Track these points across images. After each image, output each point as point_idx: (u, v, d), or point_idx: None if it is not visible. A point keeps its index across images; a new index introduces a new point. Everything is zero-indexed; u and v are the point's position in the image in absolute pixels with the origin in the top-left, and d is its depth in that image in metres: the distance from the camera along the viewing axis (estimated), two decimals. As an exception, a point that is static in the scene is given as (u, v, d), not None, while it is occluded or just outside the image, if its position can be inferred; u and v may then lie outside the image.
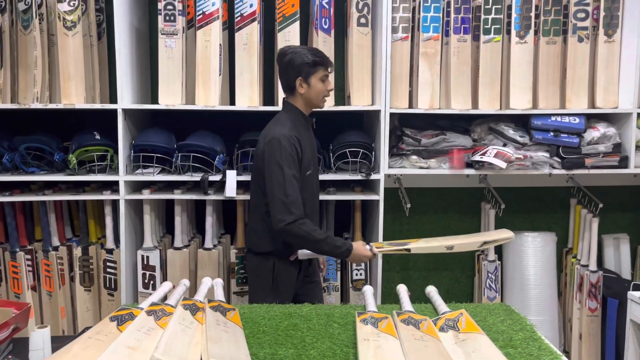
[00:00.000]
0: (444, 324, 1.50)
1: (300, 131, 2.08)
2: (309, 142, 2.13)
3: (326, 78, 2.09)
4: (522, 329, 1.53)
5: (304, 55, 2.05)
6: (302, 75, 2.05)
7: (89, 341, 1.34)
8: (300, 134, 2.06)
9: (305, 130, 2.12)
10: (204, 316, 1.48)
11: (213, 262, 2.68)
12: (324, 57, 2.09)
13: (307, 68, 2.04)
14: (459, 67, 2.65)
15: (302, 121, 2.12)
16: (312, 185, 2.14)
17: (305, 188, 2.07)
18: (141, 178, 2.56)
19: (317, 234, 1.99)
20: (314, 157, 2.18)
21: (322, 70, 2.07)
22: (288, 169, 1.98)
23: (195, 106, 2.53)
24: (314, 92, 2.08)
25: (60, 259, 2.66)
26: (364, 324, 1.45)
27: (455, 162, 2.60)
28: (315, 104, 2.13)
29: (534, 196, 3.09)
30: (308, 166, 2.09)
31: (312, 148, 2.16)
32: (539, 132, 2.63)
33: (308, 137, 2.13)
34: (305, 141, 2.09)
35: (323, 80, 2.08)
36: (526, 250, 2.93)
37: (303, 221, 1.98)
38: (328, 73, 2.10)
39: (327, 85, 2.10)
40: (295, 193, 1.97)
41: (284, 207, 1.95)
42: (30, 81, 2.53)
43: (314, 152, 2.18)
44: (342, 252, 2.03)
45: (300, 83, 2.06)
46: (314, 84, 2.06)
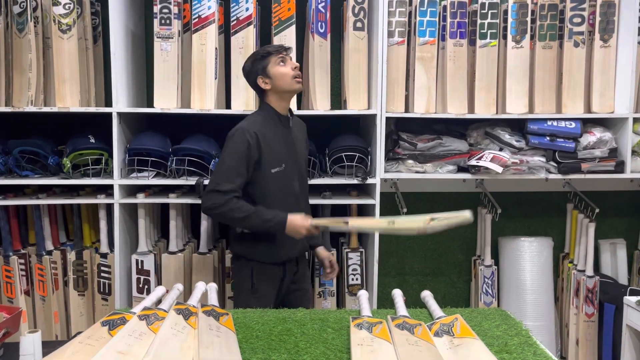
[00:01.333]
0: (438, 329, 1.49)
1: (269, 127, 2.06)
2: (283, 139, 2.09)
3: (283, 60, 2.06)
4: (518, 334, 1.52)
5: (253, 56, 2.10)
6: (260, 72, 2.06)
7: (79, 346, 1.32)
8: (265, 130, 2.04)
9: (277, 127, 2.09)
10: (196, 321, 1.46)
11: (208, 267, 2.67)
12: (271, 46, 2.09)
13: (259, 63, 2.05)
14: (455, 72, 2.65)
15: (274, 118, 2.09)
16: (283, 182, 2.09)
17: (273, 185, 2.05)
18: (136, 182, 2.55)
19: (238, 213, 1.95)
20: (289, 154, 2.11)
21: (275, 56, 2.04)
22: (230, 161, 1.99)
23: (191, 110, 2.52)
24: (278, 79, 2.04)
25: (54, 263, 2.64)
26: (358, 329, 1.44)
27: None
28: (287, 89, 2.07)
29: (530, 201, 3.09)
30: (275, 163, 2.05)
31: (288, 145, 2.11)
32: (535, 137, 2.63)
33: (281, 134, 2.09)
34: (272, 137, 2.05)
35: (281, 64, 2.05)
36: (523, 255, 2.92)
37: (220, 209, 1.96)
38: (283, 55, 2.06)
39: (288, 65, 2.06)
40: (229, 185, 1.96)
41: (211, 193, 1.97)
42: (25, 84, 2.52)
43: (289, 149, 2.11)
44: (274, 224, 1.97)
45: (262, 80, 2.06)
46: (273, 71, 2.04)
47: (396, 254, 3.10)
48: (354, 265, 2.76)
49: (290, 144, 2.13)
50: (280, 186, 2.08)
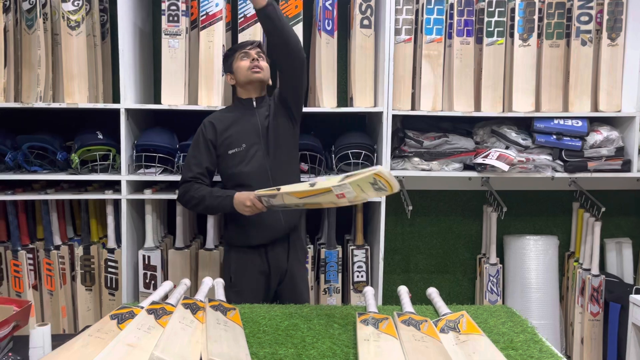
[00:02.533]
0: (444, 325, 1.50)
1: (228, 115, 2.18)
2: (242, 121, 2.15)
3: (246, 55, 2.15)
4: (523, 331, 1.53)
5: (225, 53, 2.27)
6: (227, 70, 2.21)
7: (89, 339, 1.33)
8: (223, 118, 2.16)
9: (237, 112, 2.19)
10: (204, 315, 1.47)
11: (214, 263, 2.68)
12: (238, 45, 2.23)
13: (227, 62, 2.21)
14: (461, 70, 2.65)
15: (238, 106, 2.21)
16: (246, 162, 2.12)
17: (234, 165, 2.12)
18: (143, 178, 2.57)
19: (193, 199, 2.09)
20: (252, 134, 2.14)
21: (238, 54, 2.16)
22: (189, 153, 2.17)
23: (198, 106, 2.53)
24: (237, 72, 2.16)
25: (61, 258, 2.66)
26: (364, 325, 1.45)
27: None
28: (248, 80, 2.15)
29: (536, 199, 3.08)
30: (232, 144, 2.13)
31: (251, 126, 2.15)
32: (541, 135, 2.63)
33: (240, 117, 2.17)
34: (229, 122, 2.15)
35: (243, 58, 2.15)
36: (528, 254, 2.92)
37: (182, 197, 2.13)
38: (247, 50, 2.15)
39: (247, 59, 2.14)
40: (189, 174, 2.12)
41: (180, 187, 2.15)
42: (34, 80, 2.53)
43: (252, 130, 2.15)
44: (223, 199, 2.03)
45: (229, 77, 2.21)
46: (235, 66, 2.16)
47: (401, 251, 3.10)
48: (360, 262, 2.77)
49: (253, 124, 2.16)
50: (244, 165, 2.12)
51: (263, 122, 2.17)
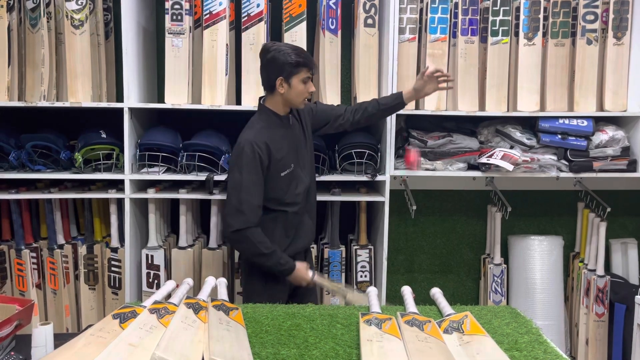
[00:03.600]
0: (448, 326, 1.48)
1: (274, 133, 2.04)
2: (287, 140, 2.07)
3: (308, 80, 2.02)
4: (528, 332, 1.51)
5: (287, 54, 1.97)
6: (284, 75, 1.97)
7: (91, 338, 1.33)
8: (272, 136, 2.02)
9: (280, 129, 2.07)
10: (206, 315, 1.47)
11: (217, 262, 2.68)
12: (308, 58, 2.01)
13: (290, 68, 1.97)
14: (466, 69, 2.64)
15: (276, 122, 2.06)
16: (293, 181, 2.08)
17: (283, 187, 2.05)
18: (147, 177, 2.56)
19: (263, 247, 1.98)
20: (296, 153, 2.10)
21: (305, 72, 1.99)
22: (247, 174, 1.96)
23: (202, 105, 2.53)
24: (294, 93, 2.01)
25: (65, 257, 2.66)
26: (367, 325, 1.44)
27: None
28: (294, 105, 2.07)
29: (541, 199, 3.07)
30: (285, 166, 2.05)
31: (292, 145, 2.08)
32: (546, 135, 2.61)
33: (285, 136, 2.07)
34: (279, 142, 2.04)
35: (305, 81, 2.01)
36: (532, 254, 2.90)
37: (253, 230, 1.97)
38: (310, 75, 2.02)
39: (308, 87, 2.02)
40: (251, 200, 1.95)
41: (235, 213, 1.95)
42: (38, 79, 2.54)
43: (296, 148, 2.09)
44: (284, 269, 2.02)
45: (281, 83, 1.99)
46: (295, 85, 1.99)
47: (405, 251, 3.09)
48: (363, 262, 2.76)
49: (295, 142, 2.11)
50: (290, 185, 2.08)
51: (298, 141, 2.13)
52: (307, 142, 2.17)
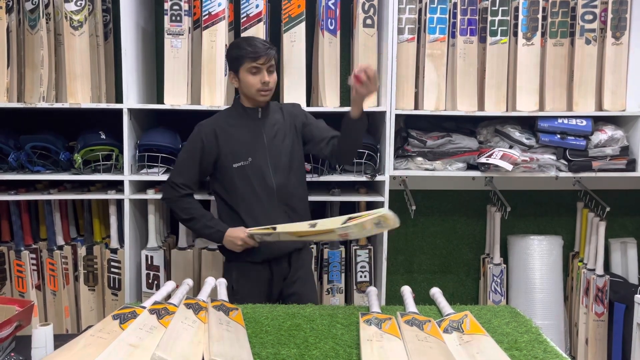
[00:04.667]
0: (448, 326, 1.48)
1: (230, 122, 2.05)
2: (247, 132, 2.04)
3: (258, 70, 1.95)
4: (528, 331, 1.51)
5: (233, 48, 2.01)
6: (233, 69, 2.01)
7: (91, 339, 1.33)
8: (225, 125, 2.04)
9: (241, 120, 2.05)
10: (206, 315, 1.47)
11: (217, 263, 2.68)
12: (254, 48, 1.94)
13: (235, 61, 1.98)
14: (465, 69, 2.64)
15: (239, 113, 2.07)
16: (250, 177, 2.02)
17: (237, 180, 2.02)
18: (146, 178, 2.56)
19: (184, 213, 2.04)
20: (259, 148, 2.03)
21: (249, 62, 1.94)
22: (183, 153, 2.10)
23: (201, 106, 2.53)
24: (244, 86, 1.99)
25: (64, 258, 2.66)
26: (367, 325, 1.44)
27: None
28: (251, 97, 2.01)
29: (540, 199, 3.07)
30: (238, 157, 2.01)
31: (257, 138, 2.04)
32: (545, 135, 2.61)
33: (246, 128, 2.04)
34: (233, 132, 2.03)
35: (253, 72, 1.95)
36: (532, 254, 2.91)
37: (174, 202, 2.06)
38: (259, 65, 1.94)
39: (260, 78, 1.95)
40: (175, 178, 2.05)
41: (166, 185, 2.08)
42: (37, 80, 2.54)
43: (259, 143, 2.03)
44: (213, 232, 2.02)
45: (232, 76, 2.02)
46: (242, 77, 1.97)
47: (405, 251, 3.09)
48: (363, 262, 2.76)
49: (259, 136, 2.04)
50: (248, 181, 2.02)
51: (270, 135, 2.06)
52: (287, 141, 2.08)
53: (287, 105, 2.20)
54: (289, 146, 2.08)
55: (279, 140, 2.07)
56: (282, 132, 2.09)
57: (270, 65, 1.98)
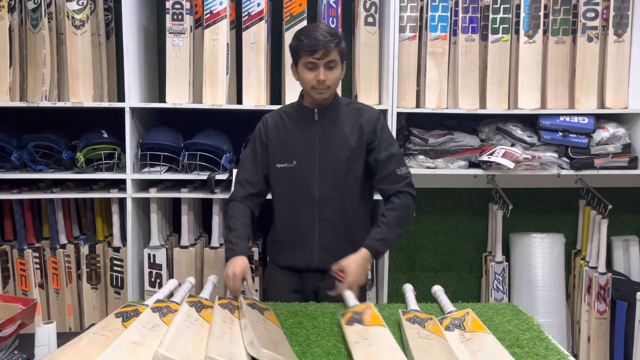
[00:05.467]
0: (449, 323, 1.49)
1: (288, 119, 1.91)
2: (300, 132, 1.88)
3: (314, 66, 1.77)
4: (529, 328, 1.52)
5: (293, 38, 1.83)
6: (294, 61, 1.85)
7: (94, 337, 1.34)
8: (281, 122, 1.91)
9: (298, 119, 1.90)
10: (211, 313, 1.47)
11: (219, 261, 2.68)
12: (311, 41, 1.74)
13: (294, 53, 1.83)
14: (466, 67, 2.64)
15: (297, 110, 1.92)
16: (292, 183, 1.88)
17: (279, 184, 1.89)
18: (148, 176, 2.57)
19: (229, 222, 1.86)
20: (308, 152, 1.86)
21: (306, 57, 1.76)
22: (247, 149, 1.98)
23: (203, 105, 2.53)
24: (302, 81, 1.83)
25: (67, 256, 2.67)
26: (350, 326, 1.43)
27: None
28: (309, 94, 1.85)
29: (542, 197, 3.07)
30: (283, 157, 1.88)
31: (309, 141, 1.87)
32: (547, 132, 2.61)
33: (299, 128, 1.89)
34: (286, 129, 1.89)
35: (309, 68, 1.78)
36: (534, 252, 2.90)
37: (232, 204, 1.90)
38: (314, 60, 1.75)
39: (315, 75, 1.77)
40: (240, 174, 1.94)
41: (234, 183, 1.96)
42: (39, 80, 2.54)
43: (310, 147, 1.87)
44: (227, 250, 1.82)
45: (293, 70, 1.87)
46: (300, 71, 1.82)
47: (407, 249, 3.09)
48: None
49: (311, 139, 1.87)
50: (289, 187, 1.88)
51: (324, 140, 1.86)
52: (345, 151, 1.86)
53: (367, 111, 1.93)
54: (346, 156, 1.86)
55: (335, 148, 1.86)
56: (342, 139, 1.87)
57: (330, 61, 1.77)
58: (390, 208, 1.84)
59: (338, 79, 1.84)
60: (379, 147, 1.87)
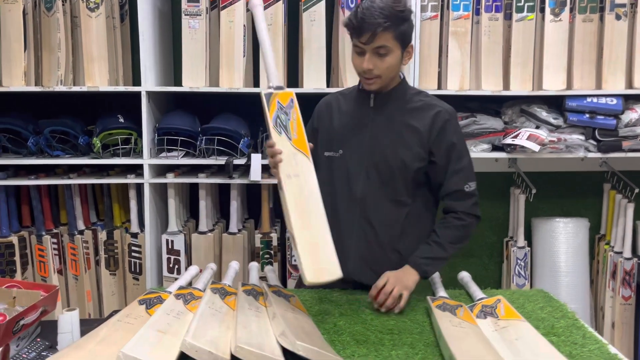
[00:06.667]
0: (480, 311, 1.44)
1: (344, 102, 1.70)
2: (352, 119, 1.65)
3: (360, 50, 1.51)
4: (564, 316, 1.47)
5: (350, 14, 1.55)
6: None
7: (118, 324, 1.31)
8: (336, 104, 1.70)
9: (354, 103, 1.67)
10: (235, 300, 1.44)
11: (238, 247, 2.66)
12: (357, 22, 1.48)
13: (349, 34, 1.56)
14: (490, 47, 2.56)
15: (355, 93, 1.69)
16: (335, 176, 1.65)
17: (323, 173, 1.62)
18: (165, 161, 2.54)
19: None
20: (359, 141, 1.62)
21: (353, 38, 1.52)
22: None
23: (219, 88, 2.49)
24: (353, 64, 1.59)
25: (85, 242, 2.66)
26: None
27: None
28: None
29: (565, 181, 2.99)
30: (329, 144, 1.66)
31: (360, 129, 1.63)
32: (573, 114, 2.53)
33: (352, 114, 1.66)
34: (340, 114, 1.67)
35: (357, 52, 1.53)
36: (557, 237, 2.84)
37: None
38: (360, 44, 1.50)
39: (360, 61, 1.52)
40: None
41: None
42: (54, 64, 2.51)
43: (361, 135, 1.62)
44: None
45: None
46: (352, 53, 1.57)
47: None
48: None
49: (362, 128, 1.63)
50: (331, 179, 1.64)
51: (378, 131, 1.61)
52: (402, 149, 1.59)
53: (437, 107, 1.63)
54: (401, 153, 1.59)
55: (389, 141, 1.60)
56: (400, 133, 1.60)
57: (380, 47, 1.48)
58: (447, 226, 1.64)
59: (392, 67, 1.54)
60: (447, 155, 1.60)
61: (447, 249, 1.62)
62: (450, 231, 1.64)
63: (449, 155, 1.61)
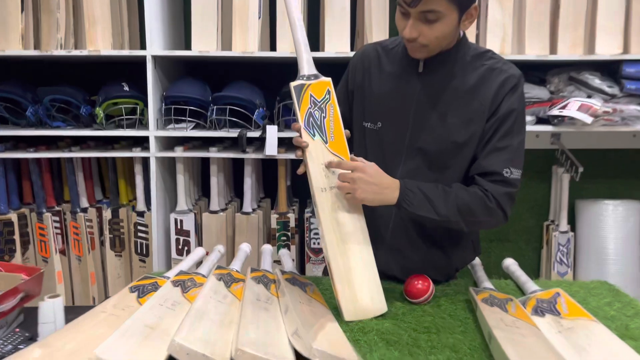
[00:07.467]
0: (536, 306, 1.20)
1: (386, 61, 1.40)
2: (395, 87, 1.37)
3: (405, 14, 1.23)
4: (637, 314, 1.21)
5: None
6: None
7: (101, 316, 1.10)
8: (376, 62, 1.41)
9: (400, 66, 1.37)
10: (243, 288, 1.22)
11: (252, 228, 2.44)
12: None
13: None
14: (535, 6, 2.28)
15: (402, 54, 1.37)
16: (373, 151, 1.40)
17: (360, 145, 1.43)
18: (173, 133, 2.32)
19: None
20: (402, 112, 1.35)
21: (401, 2, 1.23)
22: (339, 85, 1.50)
23: (232, 52, 2.25)
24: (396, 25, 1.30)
25: (89, 221, 2.47)
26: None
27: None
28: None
29: (615, 159, 2.70)
30: (369, 115, 1.40)
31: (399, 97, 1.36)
32: (631, 82, 2.24)
33: (397, 80, 1.37)
34: (380, 77, 1.39)
35: (402, 12, 1.24)
36: (605, 220, 2.57)
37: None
38: (404, 7, 1.21)
39: (403, 24, 1.24)
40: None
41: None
42: (54, 26, 2.30)
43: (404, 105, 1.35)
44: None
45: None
46: (396, 11, 1.27)
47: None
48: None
49: (407, 98, 1.35)
50: (365, 155, 1.36)
51: (425, 102, 1.34)
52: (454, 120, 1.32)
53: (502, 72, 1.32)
54: (453, 130, 1.32)
55: (441, 119, 1.33)
56: (453, 106, 1.32)
57: (428, 12, 1.19)
58: (467, 191, 1.28)
59: (444, 36, 1.24)
60: (497, 125, 1.30)
61: (449, 208, 1.25)
62: (467, 197, 1.27)
63: (499, 127, 1.29)
